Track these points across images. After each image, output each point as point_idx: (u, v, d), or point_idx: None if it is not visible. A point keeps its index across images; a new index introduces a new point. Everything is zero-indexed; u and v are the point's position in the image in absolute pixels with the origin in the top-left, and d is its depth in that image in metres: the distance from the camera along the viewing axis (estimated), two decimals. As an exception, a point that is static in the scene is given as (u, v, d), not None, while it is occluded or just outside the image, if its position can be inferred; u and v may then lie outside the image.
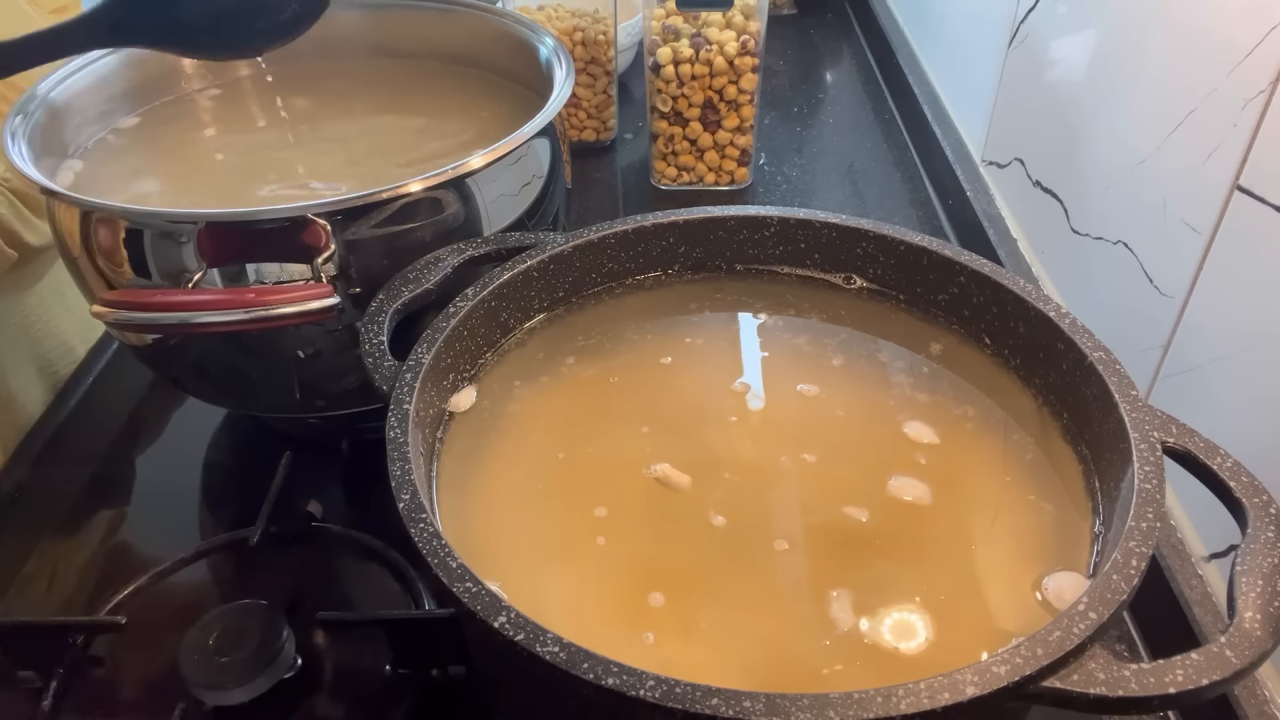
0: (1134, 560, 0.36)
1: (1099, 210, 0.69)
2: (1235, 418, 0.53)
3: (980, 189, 0.90)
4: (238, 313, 0.50)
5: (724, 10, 0.87)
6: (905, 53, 1.17)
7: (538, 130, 0.59)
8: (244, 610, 0.52)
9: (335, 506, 0.63)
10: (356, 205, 0.53)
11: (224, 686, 0.50)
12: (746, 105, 0.90)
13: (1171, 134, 0.59)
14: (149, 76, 0.74)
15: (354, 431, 0.69)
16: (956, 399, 0.50)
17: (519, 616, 0.34)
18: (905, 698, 0.32)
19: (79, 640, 0.55)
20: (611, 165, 1.03)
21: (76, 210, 0.56)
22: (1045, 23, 0.79)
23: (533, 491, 0.47)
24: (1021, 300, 0.49)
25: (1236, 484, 0.40)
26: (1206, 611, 0.53)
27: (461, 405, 0.50)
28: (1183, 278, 0.58)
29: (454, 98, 0.78)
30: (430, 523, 0.38)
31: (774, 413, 0.50)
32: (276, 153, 0.71)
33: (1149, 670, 0.34)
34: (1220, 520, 0.41)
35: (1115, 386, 0.44)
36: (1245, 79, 0.52)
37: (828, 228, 0.56)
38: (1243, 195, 0.52)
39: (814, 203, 0.96)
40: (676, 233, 0.57)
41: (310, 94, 0.79)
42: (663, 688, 0.32)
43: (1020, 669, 0.33)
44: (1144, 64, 0.63)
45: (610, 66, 0.99)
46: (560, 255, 0.54)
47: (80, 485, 0.68)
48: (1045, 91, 0.79)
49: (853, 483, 0.46)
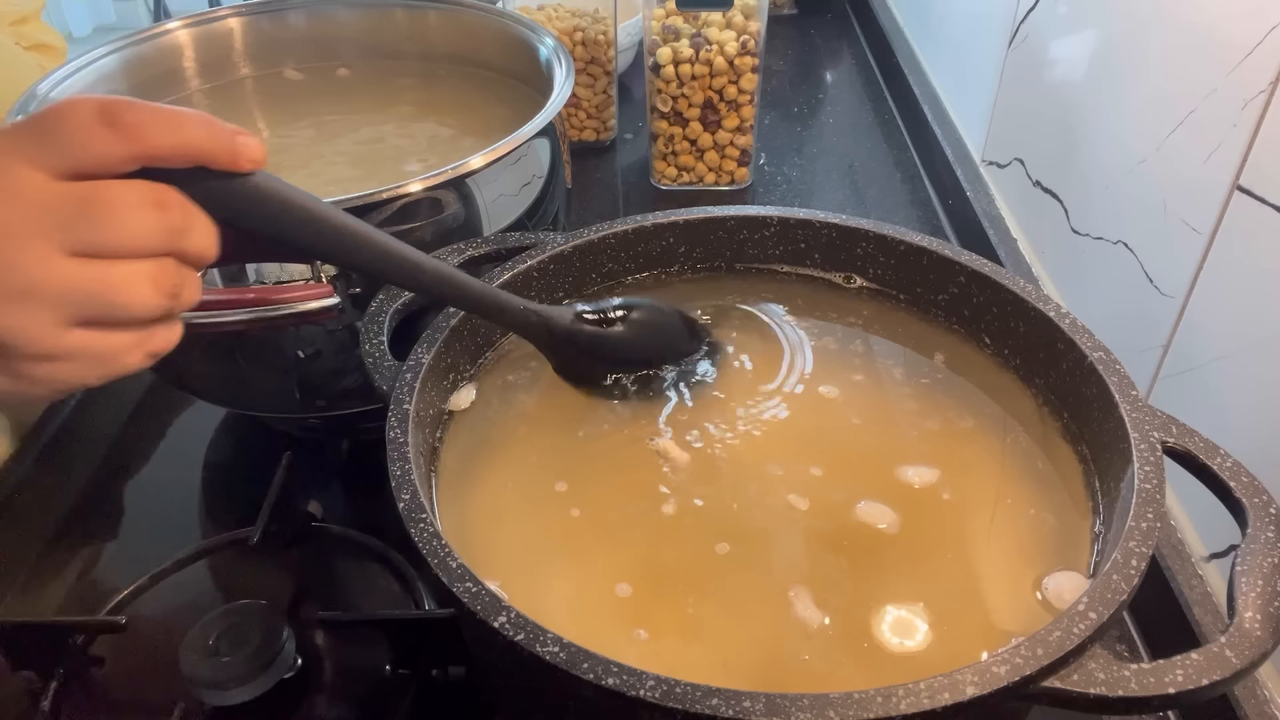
0: (1134, 560, 0.36)
1: (1099, 210, 0.69)
2: (1235, 418, 0.53)
3: (980, 189, 0.90)
4: (238, 313, 0.50)
5: (724, 10, 0.87)
6: (905, 53, 1.17)
7: (538, 130, 0.59)
8: (244, 610, 0.52)
9: (335, 506, 0.63)
10: (357, 205, 0.53)
11: (224, 686, 0.50)
12: (746, 105, 0.90)
13: (1171, 134, 0.59)
14: (150, 76, 0.74)
15: (354, 431, 0.69)
16: (956, 399, 0.50)
17: (519, 616, 0.34)
18: (905, 698, 0.32)
19: (79, 640, 0.55)
20: (611, 165, 1.03)
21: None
22: (1045, 23, 0.79)
23: (533, 491, 0.47)
24: (1021, 300, 0.49)
25: (1236, 484, 0.40)
26: (1206, 611, 0.53)
27: (461, 404, 0.50)
28: (1183, 278, 0.58)
29: (454, 98, 0.78)
30: (430, 523, 0.38)
31: (774, 411, 0.50)
32: (277, 154, 0.71)
33: (1149, 670, 0.34)
34: (1220, 520, 0.41)
35: (1115, 386, 0.44)
36: (1245, 79, 0.52)
37: (828, 228, 0.56)
38: (1243, 195, 0.52)
39: (814, 203, 0.96)
40: (676, 233, 0.57)
41: (310, 94, 0.79)
42: (663, 688, 0.32)
43: (1020, 669, 0.33)
44: (1144, 64, 0.63)
45: (610, 66, 0.99)
46: (560, 255, 0.54)
47: (81, 485, 0.68)
48: (1045, 92, 0.79)
49: (853, 481, 0.46)
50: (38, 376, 0.32)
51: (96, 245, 0.31)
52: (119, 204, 0.31)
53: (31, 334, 0.31)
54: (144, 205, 0.32)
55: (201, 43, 0.77)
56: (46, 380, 0.32)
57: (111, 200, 0.31)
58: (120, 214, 0.31)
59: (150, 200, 0.32)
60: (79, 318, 0.31)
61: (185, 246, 0.33)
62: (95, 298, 0.31)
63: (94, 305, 0.31)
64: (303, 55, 0.81)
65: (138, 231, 0.31)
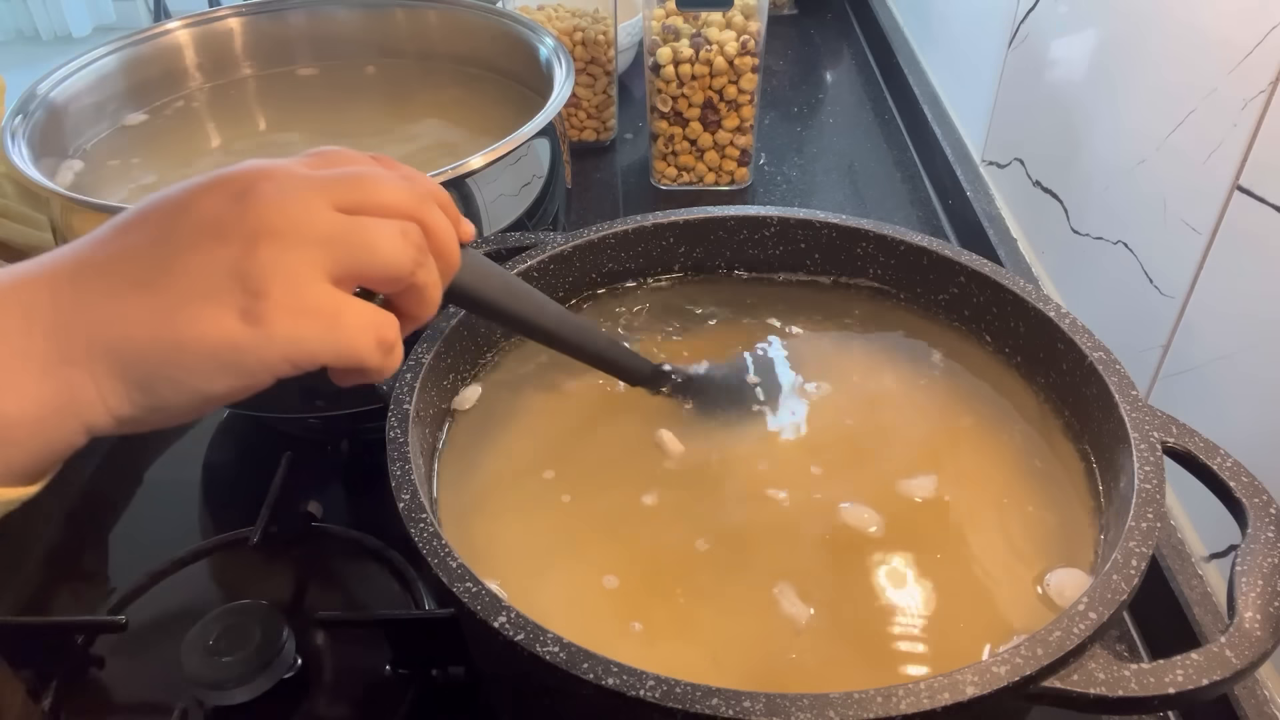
0: (1134, 560, 0.36)
1: (1099, 210, 0.69)
2: (1235, 418, 0.53)
3: (980, 189, 0.90)
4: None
5: (724, 10, 0.87)
6: (905, 53, 1.17)
7: (538, 130, 0.59)
8: (244, 610, 0.52)
9: (335, 506, 0.63)
10: (356, 205, 0.53)
11: (224, 686, 0.50)
12: (746, 105, 0.90)
13: (1171, 134, 0.59)
14: (150, 76, 0.74)
15: (354, 431, 0.69)
16: (957, 398, 0.50)
17: (519, 616, 0.34)
18: (905, 698, 0.32)
19: (79, 640, 0.55)
20: (611, 165, 1.03)
21: (76, 210, 0.56)
22: (1045, 23, 0.79)
23: (533, 490, 0.47)
24: (1021, 300, 0.50)
25: (1236, 484, 0.40)
26: (1206, 611, 0.53)
27: (465, 404, 0.50)
28: (1183, 278, 0.58)
29: (453, 97, 0.78)
30: (430, 523, 0.38)
31: (774, 410, 0.50)
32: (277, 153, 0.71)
33: (1149, 670, 0.34)
34: (1220, 520, 0.41)
35: (1115, 386, 0.44)
36: (1245, 79, 0.52)
37: (828, 228, 0.56)
38: (1243, 195, 0.52)
39: (814, 203, 0.96)
40: (676, 233, 0.57)
41: (311, 94, 0.79)
42: (663, 688, 0.32)
43: (1020, 669, 0.33)
44: (1144, 64, 0.63)
45: (610, 66, 0.99)
46: (560, 255, 0.54)
47: (81, 485, 0.68)
48: (1045, 91, 0.79)
49: (853, 479, 0.46)
50: (279, 330, 0.31)
51: (358, 201, 0.33)
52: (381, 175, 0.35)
53: (293, 270, 0.31)
54: (401, 181, 0.35)
55: (201, 43, 0.77)
56: (286, 337, 0.31)
57: (376, 174, 0.35)
58: (380, 180, 0.34)
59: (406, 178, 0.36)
60: (337, 267, 0.32)
61: (430, 217, 0.36)
62: (355, 238, 0.32)
63: (353, 249, 0.32)
64: (303, 55, 0.81)
65: (394, 194, 0.34)
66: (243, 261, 0.31)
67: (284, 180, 0.32)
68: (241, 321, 0.31)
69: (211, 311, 0.30)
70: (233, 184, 0.32)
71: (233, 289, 0.31)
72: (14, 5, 3.10)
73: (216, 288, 0.31)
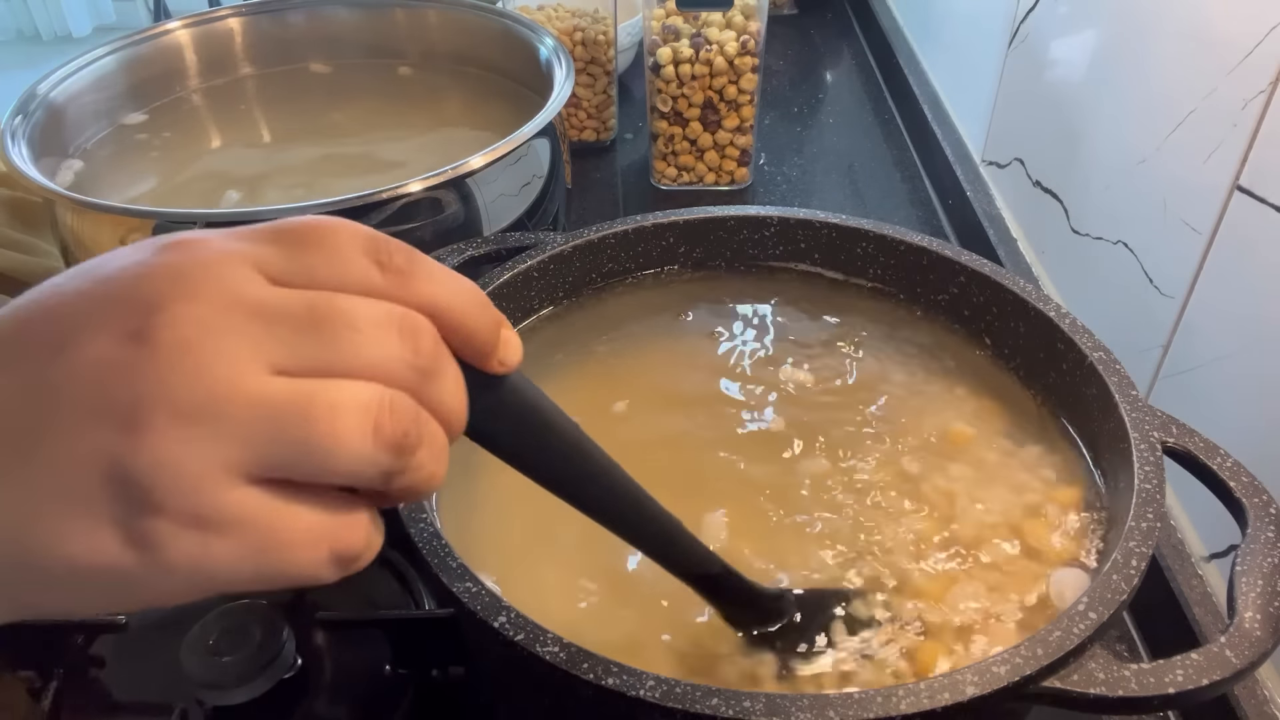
0: (1134, 560, 0.36)
1: (1099, 210, 0.69)
2: (1235, 418, 0.53)
3: (980, 189, 0.90)
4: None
5: (724, 10, 0.87)
6: (905, 53, 1.17)
7: (538, 130, 0.59)
8: (244, 610, 0.52)
9: (335, 506, 0.63)
10: (357, 205, 0.53)
11: (224, 686, 0.49)
12: (746, 105, 0.90)
13: (1171, 134, 0.59)
14: (149, 76, 0.74)
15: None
16: (957, 398, 0.50)
17: (519, 616, 0.34)
18: (905, 698, 0.32)
19: (79, 640, 0.54)
20: (611, 165, 1.03)
21: (77, 210, 0.56)
22: (1045, 23, 0.79)
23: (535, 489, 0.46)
24: (1021, 300, 0.49)
25: (1236, 484, 0.40)
26: (1206, 611, 0.53)
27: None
28: (1183, 278, 0.58)
29: (454, 98, 0.78)
30: (430, 523, 0.38)
31: (774, 409, 0.50)
32: (278, 153, 0.72)
33: (1149, 670, 0.34)
34: (1220, 520, 0.41)
35: (1115, 386, 0.44)
36: (1245, 79, 0.52)
37: (828, 228, 0.56)
38: (1243, 195, 0.52)
39: (814, 203, 0.96)
40: (676, 233, 0.57)
41: (311, 94, 0.79)
42: (663, 688, 0.32)
43: (1020, 669, 0.33)
44: (1144, 64, 0.63)
45: (610, 66, 0.99)
46: (560, 255, 0.54)
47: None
48: (1045, 91, 0.79)
49: (853, 478, 0.46)
50: (172, 555, 0.21)
51: (311, 359, 0.22)
52: (356, 316, 0.23)
53: (191, 471, 0.21)
54: (388, 324, 0.23)
55: (201, 43, 0.77)
56: (183, 564, 0.21)
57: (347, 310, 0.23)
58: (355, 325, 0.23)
59: (396, 320, 0.24)
60: (260, 465, 0.22)
61: (430, 390, 0.24)
62: (290, 422, 0.22)
63: (284, 438, 0.22)
64: (303, 55, 0.81)
65: (372, 351, 0.23)
66: (125, 456, 0.21)
67: (210, 307, 0.22)
68: (122, 543, 0.21)
69: (82, 525, 0.21)
70: (133, 307, 0.21)
71: (110, 496, 0.21)
72: (14, 5, 3.10)
73: (88, 491, 0.21)
